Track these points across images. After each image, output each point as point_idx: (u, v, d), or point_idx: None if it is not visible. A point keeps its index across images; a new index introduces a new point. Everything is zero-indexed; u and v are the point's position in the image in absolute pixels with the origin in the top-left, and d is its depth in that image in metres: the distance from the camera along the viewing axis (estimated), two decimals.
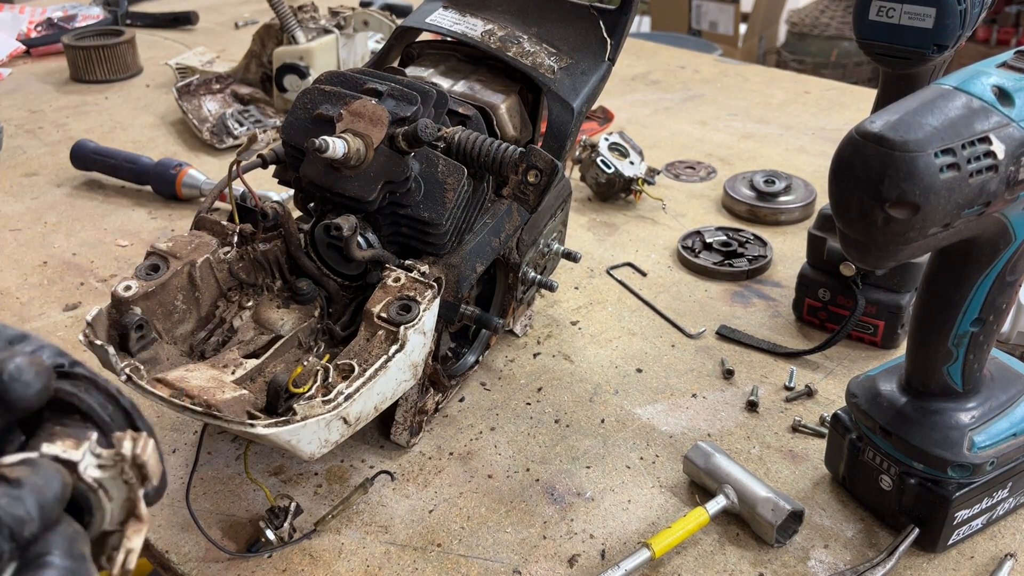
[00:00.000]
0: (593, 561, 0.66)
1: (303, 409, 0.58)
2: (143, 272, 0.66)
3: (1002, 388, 0.65)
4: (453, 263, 0.69)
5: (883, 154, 0.49)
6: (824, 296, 0.89)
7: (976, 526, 0.66)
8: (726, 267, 1.01)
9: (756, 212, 1.12)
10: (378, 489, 0.72)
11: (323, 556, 0.67)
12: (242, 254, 0.71)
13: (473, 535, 0.68)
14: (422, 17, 0.84)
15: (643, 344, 0.90)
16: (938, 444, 0.61)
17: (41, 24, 1.85)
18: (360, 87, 0.70)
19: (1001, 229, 0.55)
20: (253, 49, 1.43)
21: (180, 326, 0.68)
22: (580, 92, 0.80)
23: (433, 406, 0.77)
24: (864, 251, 0.53)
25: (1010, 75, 0.52)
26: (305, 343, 0.70)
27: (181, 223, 1.14)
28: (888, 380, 0.66)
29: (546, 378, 0.85)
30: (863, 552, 0.66)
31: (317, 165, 0.67)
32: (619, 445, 0.77)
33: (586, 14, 0.82)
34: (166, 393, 0.59)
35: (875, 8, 0.74)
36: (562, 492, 0.72)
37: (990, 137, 0.50)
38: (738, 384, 0.84)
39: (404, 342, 0.63)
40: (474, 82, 0.80)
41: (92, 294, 0.99)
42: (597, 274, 1.02)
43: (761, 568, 0.65)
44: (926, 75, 0.76)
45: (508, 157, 0.69)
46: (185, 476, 0.73)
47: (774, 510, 0.65)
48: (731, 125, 1.43)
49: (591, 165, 1.14)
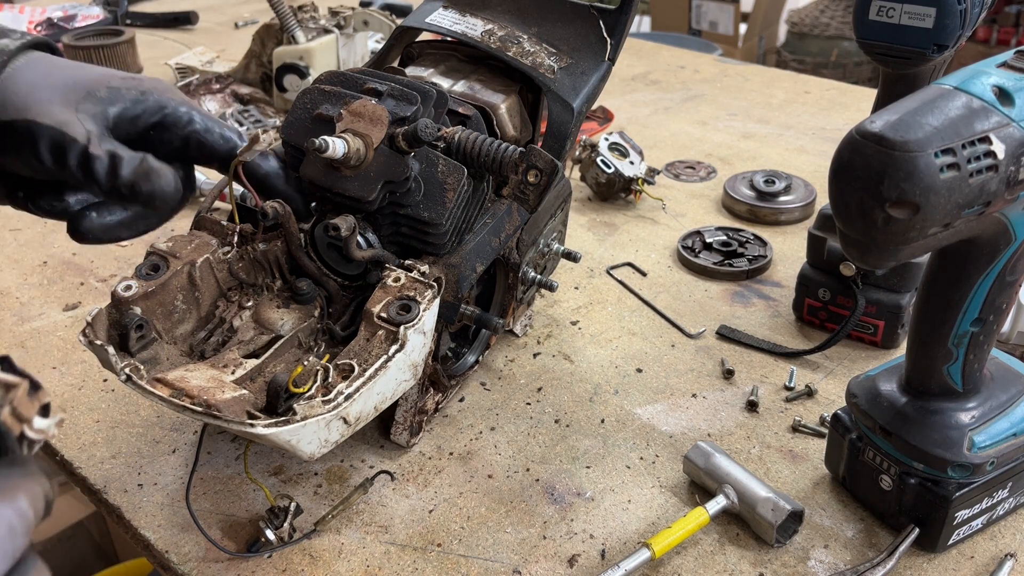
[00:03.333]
0: (593, 561, 0.66)
1: (303, 409, 0.58)
2: (143, 272, 0.66)
3: (1002, 388, 0.65)
4: (453, 263, 0.69)
5: (883, 154, 0.49)
6: (824, 296, 0.89)
7: (976, 526, 0.66)
8: (726, 267, 1.01)
9: (756, 212, 1.12)
10: (378, 489, 0.72)
11: (323, 556, 0.67)
12: (242, 254, 0.71)
13: (473, 535, 0.68)
14: (422, 17, 0.84)
15: (643, 344, 0.90)
16: (938, 444, 0.61)
17: (41, 24, 1.85)
18: (360, 87, 0.70)
19: (1001, 229, 0.55)
20: (253, 49, 1.43)
21: (180, 326, 0.68)
22: (580, 92, 0.80)
23: (433, 406, 0.77)
24: (864, 251, 0.53)
25: (1010, 75, 0.52)
26: (305, 343, 0.70)
27: (181, 223, 1.13)
28: (888, 380, 0.66)
29: (546, 378, 0.85)
30: (863, 552, 0.66)
31: (317, 165, 0.67)
32: (619, 445, 0.77)
33: (586, 14, 0.82)
34: (166, 393, 0.59)
35: (875, 8, 0.74)
36: (562, 492, 0.72)
37: (990, 137, 0.50)
38: (738, 384, 0.84)
39: (404, 342, 0.63)
40: (474, 82, 0.80)
41: (92, 294, 0.99)
42: (597, 274, 1.02)
43: (761, 568, 0.65)
44: (926, 75, 0.76)
45: (508, 157, 0.69)
46: (185, 476, 0.73)
47: (774, 510, 0.65)
48: (731, 125, 1.43)
49: (591, 165, 1.14)
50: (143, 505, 0.71)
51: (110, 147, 0.57)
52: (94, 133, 0.57)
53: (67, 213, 0.63)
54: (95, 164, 0.56)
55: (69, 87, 0.58)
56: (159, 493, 0.72)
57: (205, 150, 0.63)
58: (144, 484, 0.73)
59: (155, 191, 0.58)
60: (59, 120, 0.56)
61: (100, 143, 0.57)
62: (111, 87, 0.59)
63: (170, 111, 0.62)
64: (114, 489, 0.73)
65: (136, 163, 0.57)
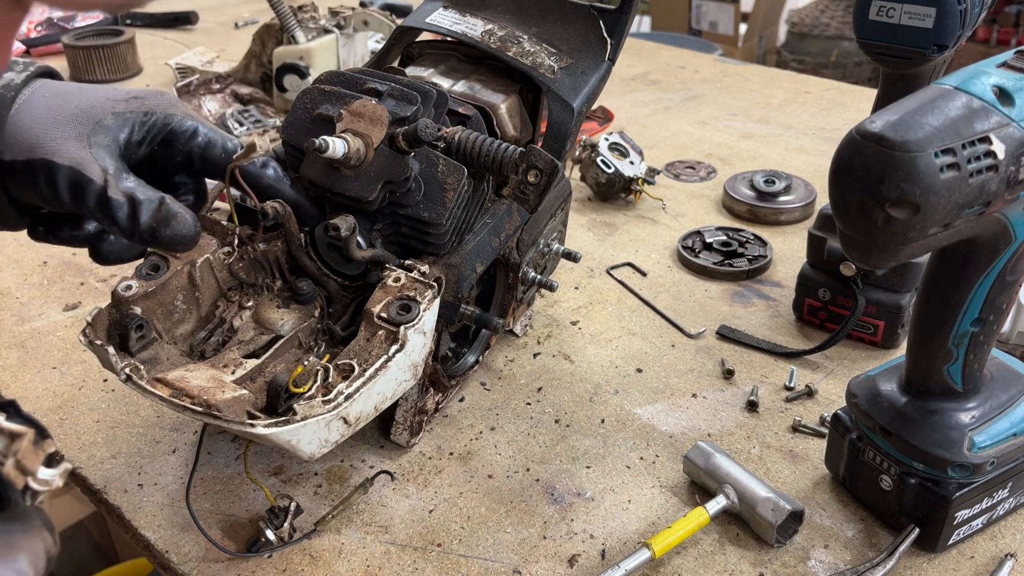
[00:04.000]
0: (593, 561, 0.66)
1: (303, 409, 0.58)
2: (143, 272, 0.66)
3: (1002, 388, 0.65)
4: (453, 263, 0.69)
5: (883, 154, 0.49)
6: (824, 296, 0.89)
7: (976, 526, 0.66)
8: (726, 267, 1.01)
9: (756, 212, 1.12)
10: (378, 489, 0.72)
11: (323, 556, 0.67)
12: (242, 254, 0.71)
13: (473, 535, 0.68)
14: (422, 17, 0.84)
15: (643, 344, 0.90)
16: (938, 444, 0.61)
17: (41, 24, 1.85)
18: (360, 87, 0.70)
19: (1001, 229, 0.55)
20: (253, 49, 1.43)
21: (180, 326, 0.68)
22: (580, 92, 0.80)
23: (433, 406, 0.77)
24: (864, 251, 0.53)
25: (1010, 75, 0.52)
26: (305, 343, 0.70)
27: None
28: (888, 380, 0.66)
29: (546, 378, 0.85)
30: (863, 552, 0.66)
31: (317, 165, 0.67)
32: (619, 445, 0.77)
33: (586, 14, 0.82)
34: (166, 393, 0.59)
35: (875, 8, 0.74)
36: (562, 492, 0.72)
37: (990, 137, 0.50)
38: (738, 384, 0.84)
39: (404, 342, 0.63)
40: (474, 82, 0.80)
41: (92, 294, 0.99)
42: (597, 274, 1.02)
43: (761, 568, 0.65)
44: (926, 75, 0.76)
45: (508, 157, 0.69)
46: (185, 476, 0.73)
47: (774, 510, 0.65)
48: (731, 125, 1.43)
49: (591, 165, 1.14)
50: (143, 505, 0.71)
51: (128, 187, 0.58)
52: (110, 172, 0.58)
53: (87, 240, 0.65)
54: (114, 208, 0.57)
55: (78, 118, 0.59)
56: (159, 493, 0.72)
57: (209, 164, 0.65)
58: (144, 484, 0.73)
59: (175, 237, 0.60)
60: (74, 159, 0.57)
61: (117, 182, 0.58)
62: (116, 113, 0.60)
63: (175, 127, 0.63)
64: (114, 489, 0.73)
65: (155, 207, 0.58)
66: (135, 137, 0.61)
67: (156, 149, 0.63)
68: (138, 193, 0.58)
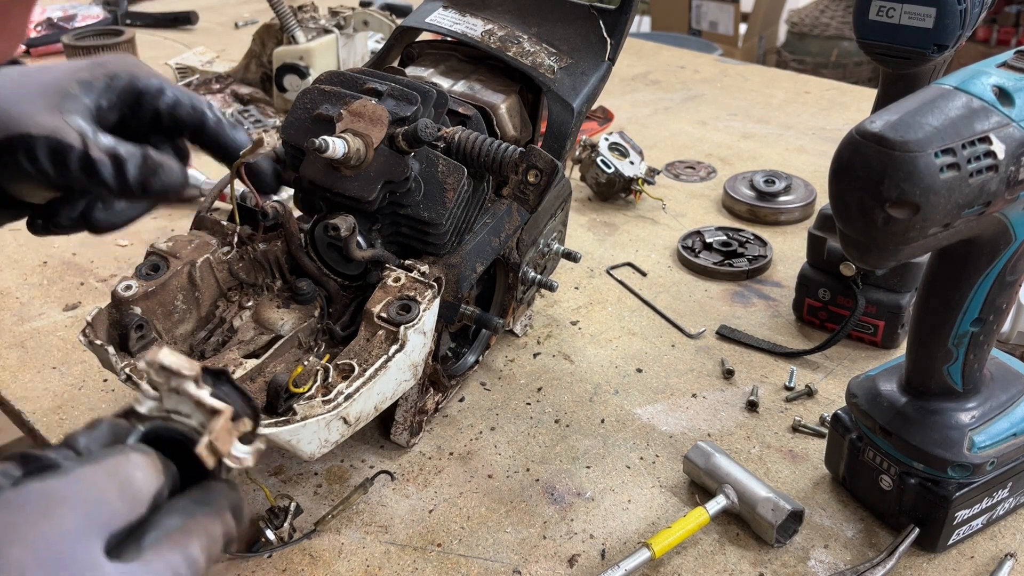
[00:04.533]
0: (593, 561, 0.66)
1: (303, 409, 0.58)
2: (143, 272, 0.66)
3: (1002, 388, 0.65)
4: (453, 263, 0.69)
5: (883, 154, 0.49)
6: (824, 296, 0.89)
7: (976, 526, 0.66)
8: (726, 267, 1.01)
9: (756, 212, 1.12)
10: (378, 489, 0.72)
11: (323, 556, 0.67)
12: (242, 254, 0.71)
13: (473, 535, 0.68)
14: (422, 17, 0.84)
15: (643, 344, 0.90)
16: (938, 444, 0.61)
17: (41, 24, 1.85)
18: (360, 87, 0.70)
19: (1001, 229, 0.55)
20: (253, 49, 1.43)
21: (180, 326, 0.68)
22: (580, 92, 0.80)
23: (433, 406, 0.77)
24: (864, 251, 0.53)
25: (1010, 75, 0.52)
26: (305, 343, 0.70)
27: (181, 223, 1.13)
28: (888, 380, 0.66)
29: (546, 378, 0.85)
30: (863, 552, 0.66)
31: (317, 165, 0.67)
32: (619, 445, 0.77)
33: (586, 14, 0.82)
34: None
35: (875, 8, 0.74)
36: (562, 492, 0.72)
37: (990, 137, 0.50)
38: (738, 384, 0.84)
39: (404, 342, 0.63)
40: (474, 82, 0.80)
41: (92, 294, 0.99)
42: (597, 274, 1.02)
43: (761, 568, 0.65)
44: (926, 75, 0.76)
45: (508, 157, 0.69)
46: None
47: (774, 510, 0.65)
48: (731, 125, 1.43)
49: (591, 165, 1.14)
50: None
51: (108, 144, 0.57)
52: (87, 134, 0.57)
53: (84, 219, 0.64)
54: (99, 168, 0.57)
55: (45, 91, 0.58)
56: None
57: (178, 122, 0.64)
58: None
59: (166, 186, 0.59)
60: (49, 128, 0.57)
61: (96, 142, 0.57)
62: (81, 81, 0.60)
63: (141, 87, 0.62)
64: None
65: (139, 160, 0.58)
66: (104, 103, 0.60)
67: (126, 112, 0.62)
68: (120, 149, 0.57)
